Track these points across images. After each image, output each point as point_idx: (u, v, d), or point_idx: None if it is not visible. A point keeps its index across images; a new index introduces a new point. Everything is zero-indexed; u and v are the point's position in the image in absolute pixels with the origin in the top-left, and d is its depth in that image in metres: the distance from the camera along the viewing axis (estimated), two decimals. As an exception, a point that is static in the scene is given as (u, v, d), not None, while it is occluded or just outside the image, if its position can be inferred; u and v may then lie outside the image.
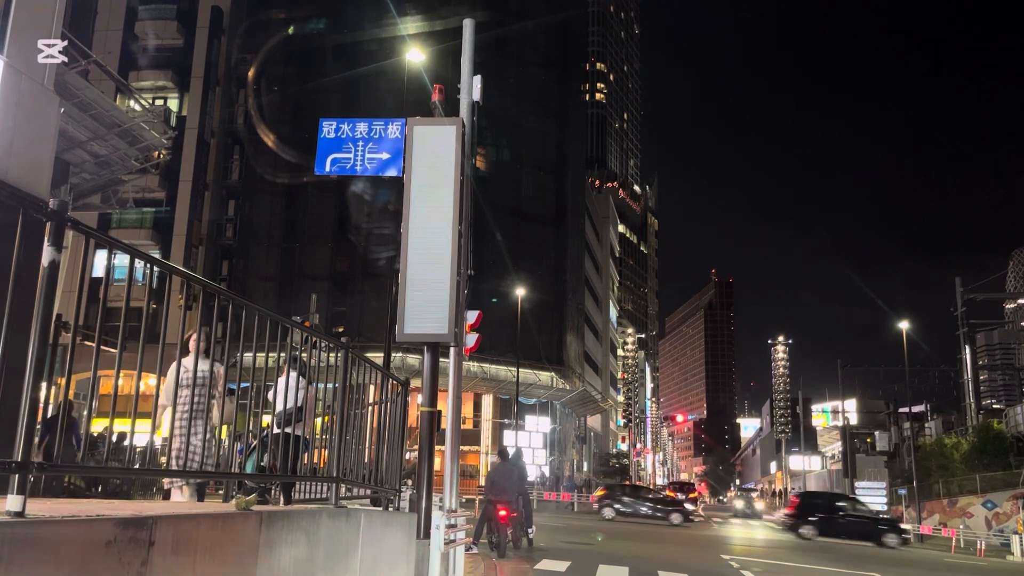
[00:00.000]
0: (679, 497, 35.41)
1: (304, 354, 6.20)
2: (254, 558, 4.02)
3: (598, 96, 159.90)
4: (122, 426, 4.28)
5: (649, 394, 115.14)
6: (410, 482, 13.56)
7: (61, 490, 10.18)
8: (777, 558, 18.18)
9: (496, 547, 13.25)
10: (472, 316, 10.40)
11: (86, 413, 14.13)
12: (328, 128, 8.44)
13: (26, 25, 8.54)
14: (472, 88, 9.88)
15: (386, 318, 19.50)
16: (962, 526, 32.04)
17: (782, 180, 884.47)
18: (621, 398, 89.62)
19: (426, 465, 7.85)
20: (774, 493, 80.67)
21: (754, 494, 73.30)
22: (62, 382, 3.66)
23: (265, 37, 46.23)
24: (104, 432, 12.58)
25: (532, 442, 49.42)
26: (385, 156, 8.28)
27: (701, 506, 54.44)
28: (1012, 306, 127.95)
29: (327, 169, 8.38)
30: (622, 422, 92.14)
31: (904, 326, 40.69)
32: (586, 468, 68.66)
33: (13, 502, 2.65)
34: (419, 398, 8.20)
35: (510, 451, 15.62)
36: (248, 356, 4.67)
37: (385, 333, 20.64)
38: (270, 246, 45.55)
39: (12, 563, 2.39)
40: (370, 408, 7.53)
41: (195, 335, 6.00)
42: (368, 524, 6.10)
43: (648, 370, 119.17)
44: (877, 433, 57.71)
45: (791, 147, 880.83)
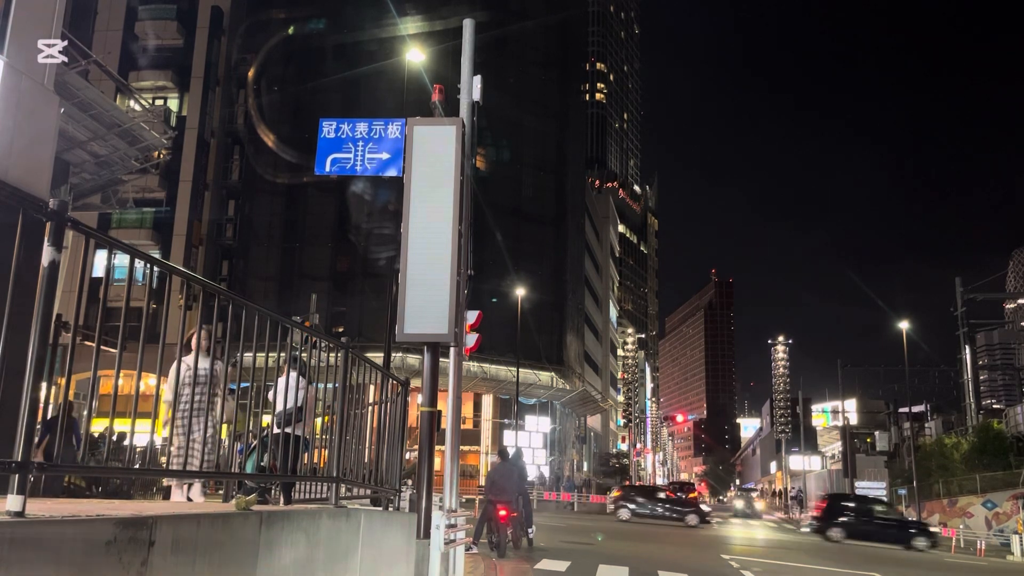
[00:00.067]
0: (693, 497, 35.44)
1: (304, 354, 6.20)
2: (254, 558, 4.02)
3: (598, 96, 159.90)
4: (122, 426, 4.27)
5: (649, 394, 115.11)
6: (410, 482, 13.56)
7: (61, 490, 10.17)
8: (777, 558, 18.19)
9: (496, 547, 13.25)
10: (472, 316, 10.40)
11: (86, 413, 14.14)
12: (328, 128, 8.44)
13: (26, 25, 8.54)
14: (472, 88, 9.88)
15: (386, 318, 19.50)
16: (962, 526, 32.04)
17: (782, 180, 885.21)
18: (621, 398, 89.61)
19: (426, 465, 7.85)
20: (774, 493, 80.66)
21: (754, 494, 73.29)
22: (62, 382, 3.66)
23: (265, 37, 46.23)
24: (105, 432, 12.58)
25: (532, 442, 49.43)
26: (385, 156, 8.28)
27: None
28: (1012, 306, 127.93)
29: (327, 169, 8.38)
30: (622, 422, 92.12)
31: (904, 326, 40.72)
32: (586, 468, 68.64)
33: (13, 502, 2.65)
34: (419, 398, 8.20)
35: (510, 451, 15.64)
36: (248, 356, 4.67)
37: (385, 333, 20.63)
38: (270, 246, 45.55)
39: (12, 563, 2.39)
40: (370, 408, 7.54)
41: (196, 334, 6.01)
42: (368, 524, 6.10)
43: (648, 370, 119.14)
44: (877, 433, 57.69)
45: (791, 147, 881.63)
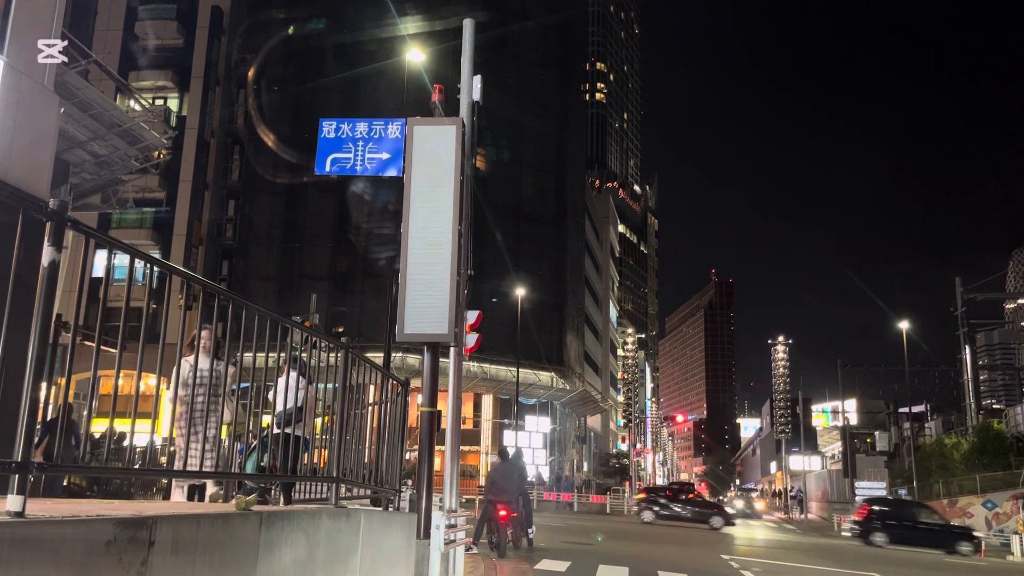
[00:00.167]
0: (716, 499, 35.54)
1: (304, 354, 6.19)
2: (254, 558, 4.01)
3: (598, 96, 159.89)
4: (123, 426, 4.27)
5: (649, 394, 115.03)
6: (410, 482, 13.56)
7: (61, 490, 10.17)
8: (777, 558, 18.19)
9: (496, 547, 13.25)
10: (472, 316, 10.40)
11: (86, 413, 14.13)
12: (328, 128, 8.44)
13: (26, 25, 8.54)
14: (472, 88, 9.88)
15: (386, 318, 19.49)
16: (962, 526, 32.02)
17: (782, 180, 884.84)
18: (621, 398, 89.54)
19: (426, 465, 7.86)
20: (774, 493, 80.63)
21: (754, 494, 73.34)
22: (62, 382, 3.66)
23: (265, 37, 46.23)
24: (106, 432, 12.57)
25: (532, 442, 49.43)
26: (385, 156, 8.28)
27: None
28: (1012, 306, 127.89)
29: (327, 169, 8.38)
30: (622, 422, 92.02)
31: (904, 326, 40.73)
32: (586, 468, 68.64)
33: (13, 502, 2.64)
34: (419, 398, 8.20)
35: (510, 451, 15.64)
36: (248, 356, 4.67)
37: (385, 333, 20.63)
38: (270, 246, 45.55)
39: (12, 563, 2.39)
40: (370, 408, 7.53)
41: (205, 333, 5.98)
42: (368, 524, 6.10)
43: (648, 370, 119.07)
44: (877, 433, 57.71)
45: (791, 147, 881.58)
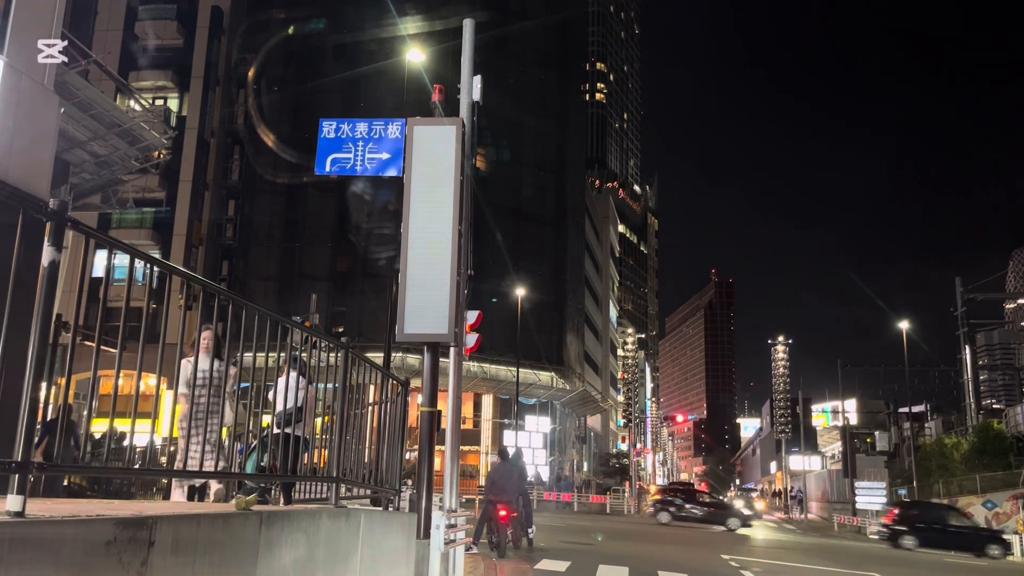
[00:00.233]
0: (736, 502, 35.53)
1: (304, 354, 6.19)
2: (254, 558, 4.01)
3: (598, 96, 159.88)
4: (123, 426, 4.27)
5: (649, 394, 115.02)
6: (410, 482, 13.56)
7: (62, 490, 10.17)
8: (777, 558, 18.19)
9: (496, 547, 13.25)
10: (472, 316, 10.40)
11: (86, 413, 14.13)
12: (328, 128, 8.44)
13: (26, 25, 8.54)
14: (472, 88, 9.88)
15: (386, 318, 19.49)
16: (962, 526, 31.99)
17: (782, 180, 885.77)
18: (621, 398, 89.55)
19: (426, 465, 7.86)
20: (774, 493, 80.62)
21: (754, 494, 73.33)
22: (62, 382, 3.66)
23: (265, 37, 46.22)
24: (107, 432, 12.57)
25: (532, 442, 49.43)
26: (385, 156, 8.28)
27: None
28: (1012, 306, 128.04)
29: (327, 169, 8.38)
30: (622, 422, 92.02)
31: (904, 326, 40.73)
32: (586, 468, 68.65)
33: (13, 502, 2.64)
34: (419, 398, 8.20)
35: (510, 451, 15.65)
36: (248, 356, 4.67)
37: (385, 333, 20.62)
38: (270, 246, 45.55)
39: (12, 563, 2.39)
40: (370, 408, 7.53)
41: (207, 333, 5.95)
42: (368, 524, 6.10)
43: (648, 370, 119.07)
44: (877, 433, 57.69)
45: (791, 147, 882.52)
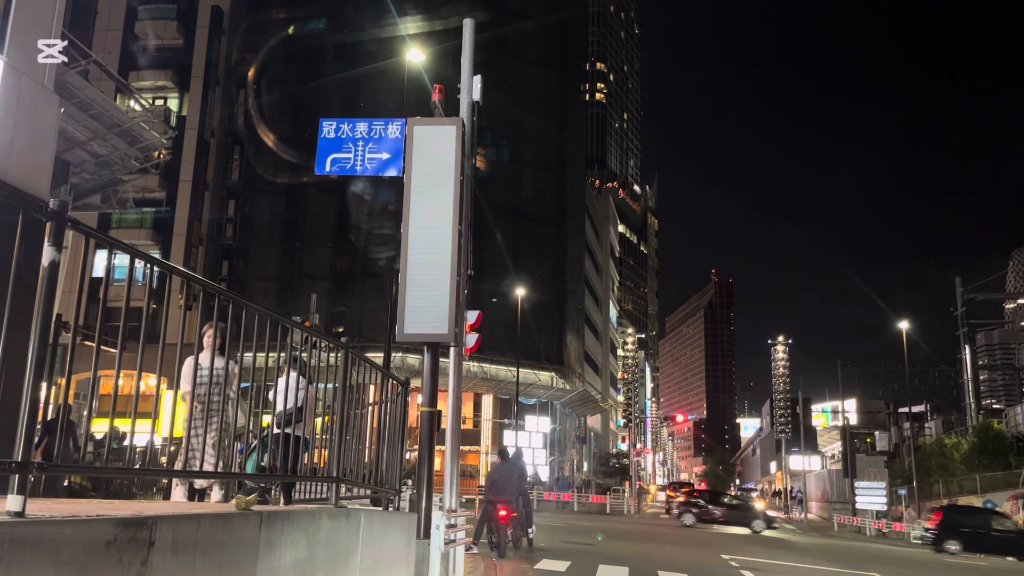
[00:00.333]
0: (758, 503, 35.49)
1: (304, 354, 6.19)
2: (254, 558, 4.01)
3: (598, 96, 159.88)
4: (123, 426, 4.27)
5: (649, 394, 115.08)
6: (410, 482, 13.56)
7: (63, 490, 10.17)
8: (777, 558, 18.18)
9: (496, 547, 13.25)
10: (472, 316, 10.40)
11: (86, 413, 14.13)
12: (328, 128, 8.44)
13: (26, 25, 8.54)
14: (472, 88, 9.88)
15: (386, 318, 19.49)
16: (962, 526, 31.97)
17: (782, 180, 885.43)
18: (621, 398, 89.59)
19: (426, 465, 7.86)
20: (774, 493, 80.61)
21: (754, 494, 73.25)
22: (62, 382, 3.66)
23: (265, 37, 46.23)
24: (109, 432, 12.56)
25: (532, 442, 49.43)
26: (385, 156, 8.28)
27: None
28: (1012, 306, 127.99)
29: (327, 169, 8.38)
30: (622, 422, 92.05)
31: (904, 326, 40.74)
32: (586, 468, 68.67)
33: (13, 502, 2.64)
34: (419, 398, 8.20)
35: (510, 451, 15.65)
36: (248, 356, 4.67)
37: (385, 333, 20.62)
38: (270, 246, 45.55)
39: (12, 563, 2.39)
40: (370, 408, 7.53)
41: (210, 331, 5.92)
42: (368, 524, 6.10)
43: (648, 370, 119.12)
44: (877, 433, 57.69)
45: (791, 147, 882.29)
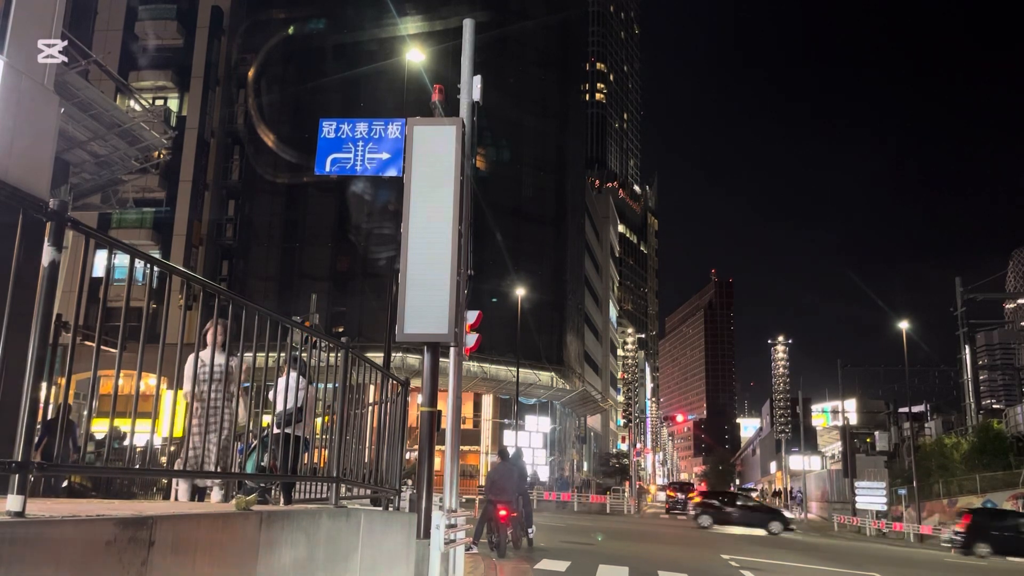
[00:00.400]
0: (775, 504, 35.41)
1: (304, 354, 6.19)
2: (254, 558, 4.01)
3: (598, 96, 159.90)
4: (123, 426, 4.27)
5: (649, 394, 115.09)
6: (410, 482, 13.56)
7: (64, 490, 10.16)
8: (777, 558, 18.17)
9: (496, 547, 13.25)
10: (472, 316, 10.40)
11: (86, 413, 14.14)
12: (328, 128, 8.44)
13: (26, 25, 8.54)
14: (472, 88, 9.88)
15: (386, 318, 19.49)
16: (962, 526, 31.98)
17: (782, 180, 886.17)
18: (621, 398, 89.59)
19: (426, 465, 7.86)
20: (774, 493, 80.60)
21: (754, 494, 73.25)
22: (62, 382, 3.66)
23: (265, 37, 46.24)
24: (109, 432, 12.56)
25: (532, 442, 49.43)
26: (385, 156, 8.28)
27: None
28: (1012, 306, 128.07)
29: (327, 169, 8.38)
30: (622, 422, 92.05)
31: (904, 326, 40.68)
32: (586, 468, 68.68)
33: (13, 502, 2.64)
34: (419, 398, 8.20)
35: (510, 451, 15.65)
36: (248, 356, 4.67)
37: (385, 333, 20.63)
38: (270, 246, 45.55)
39: (12, 563, 2.39)
40: (370, 408, 7.53)
41: (212, 328, 5.90)
42: (368, 524, 6.10)
43: (648, 370, 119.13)
44: (877, 433, 57.65)
45: (791, 147, 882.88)
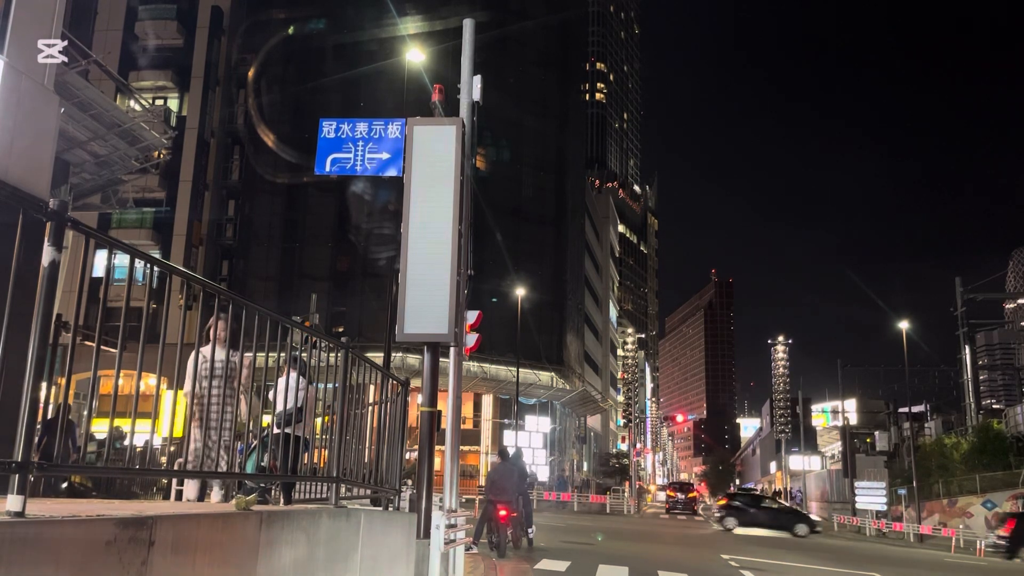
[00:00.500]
0: (796, 507, 35.32)
1: (304, 354, 6.19)
2: (254, 558, 4.01)
3: (598, 96, 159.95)
4: (124, 426, 4.27)
5: (649, 394, 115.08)
6: (410, 482, 13.56)
7: (64, 490, 10.16)
8: (777, 558, 18.17)
9: (496, 547, 13.25)
10: (472, 316, 10.40)
11: (86, 413, 14.13)
12: (328, 128, 8.44)
13: (26, 25, 8.54)
14: (472, 88, 9.88)
15: (386, 318, 19.49)
16: (962, 526, 31.99)
17: (782, 180, 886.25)
18: (621, 398, 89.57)
19: (426, 465, 7.86)
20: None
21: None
22: (62, 382, 3.66)
23: (265, 37, 46.22)
24: (110, 432, 12.54)
25: (532, 442, 49.41)
26: (385, 156, 8.28)
27: (700, 506, 54.46)
28: (1012, 306, 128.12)
29: (327, 169, 8.38)
30: (622, 422, 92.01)
31: (904, 326, 40.65)
32: (586, 468, 68.68)
33: (13, 502, 2.64)
34: (419, 398, 8.21)
35: (510, 451, 15.65)
36: (248, 356, 4.67)
37: (385, 333, 20.63)
38: (270, 246, 45.54)
39: (12, 563, 2.39)
40: (370, 408, 7.53)
41: (214, 324, 5.87)
42: (368, 524, 6.10)
43: (648, 370, 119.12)
44: (877, 433, 57.64)
45: (791, 147, 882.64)
